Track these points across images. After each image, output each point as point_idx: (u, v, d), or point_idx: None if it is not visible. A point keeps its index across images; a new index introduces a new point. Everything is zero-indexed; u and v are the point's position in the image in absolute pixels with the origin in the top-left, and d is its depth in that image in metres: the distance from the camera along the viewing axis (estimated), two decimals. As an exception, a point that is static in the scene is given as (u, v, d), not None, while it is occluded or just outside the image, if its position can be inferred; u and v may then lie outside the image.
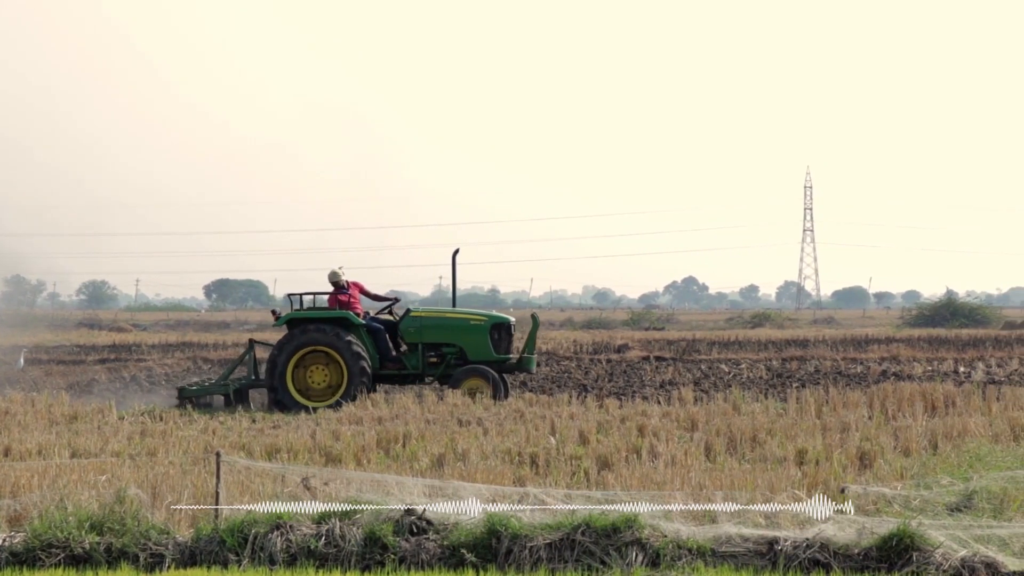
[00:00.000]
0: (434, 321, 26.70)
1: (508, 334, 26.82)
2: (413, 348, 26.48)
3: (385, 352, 26.32)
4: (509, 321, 27.07)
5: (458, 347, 26.37)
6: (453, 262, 27.25)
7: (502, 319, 27.03)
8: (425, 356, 26.39)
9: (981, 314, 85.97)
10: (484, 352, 26.28)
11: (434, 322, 26.67)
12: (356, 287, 26.87)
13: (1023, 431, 18.85)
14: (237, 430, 20.16)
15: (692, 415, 20.35)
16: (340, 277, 26.65)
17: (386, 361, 26.31)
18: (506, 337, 26.74)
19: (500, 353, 26.45)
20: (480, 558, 11.22)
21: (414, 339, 26.45)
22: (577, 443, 17.64)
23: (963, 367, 36.40)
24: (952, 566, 10.68)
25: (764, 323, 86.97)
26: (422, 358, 26.36)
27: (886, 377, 32.17)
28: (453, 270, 27.27)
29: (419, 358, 26.35)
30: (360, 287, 27.01)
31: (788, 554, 10.98)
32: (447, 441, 17.60)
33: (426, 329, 26.50)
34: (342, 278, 26.65)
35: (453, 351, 26.38)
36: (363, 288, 27.11)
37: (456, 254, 27.38)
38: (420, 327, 26.51)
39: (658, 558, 11.04)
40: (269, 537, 11.48)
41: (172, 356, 44.52)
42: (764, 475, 14.20)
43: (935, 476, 14.25)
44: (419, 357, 26.35)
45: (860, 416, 20.26)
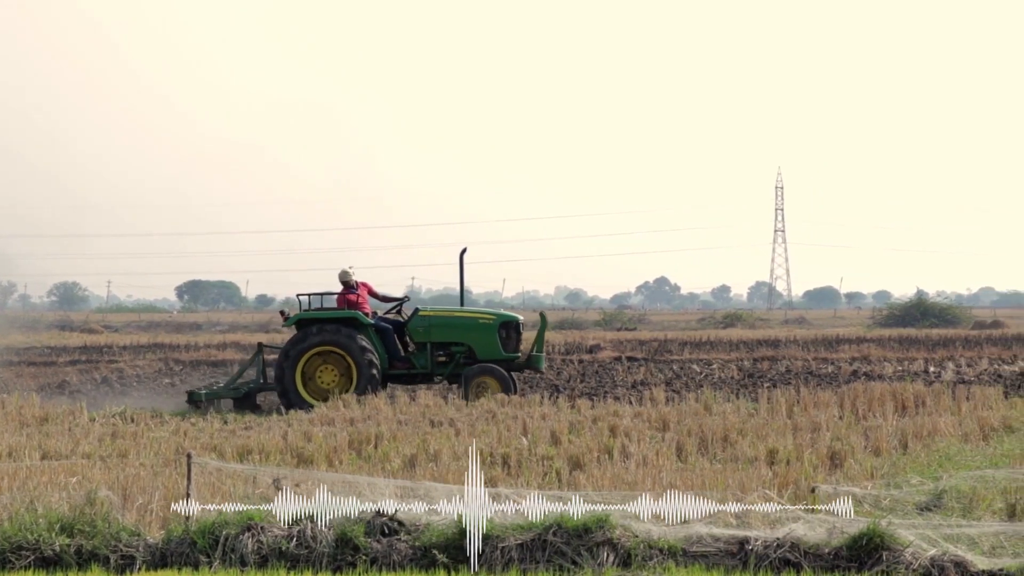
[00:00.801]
0: (443, 320, 26.75)
1: (517, 332, 26.87)
2: (422, 347, 26.56)
3: (394, 352, 26.39)
4: (518, 320, 27.15)
5: (467, 346, 26.43)
6: (461, 261, 27.24)
7: (511, 318, 27.11)
8: (434, 355, 26.47)
9: (951, 314, 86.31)
10: (493, 351, 26.33)
11: (443, 321, 26.73)
12: (364, 287, 26.88)
13: (992, 431, 18.95)
14: (208, 431, 20.12)
15: (664, 415, 20.39)
16: (350, 276, 26.66)
17: (395, 361, 26.39)
18: (515, 336, 26.79)
19: (509, 352, 26.50)
20: (451, 559, 11.23)
21: (423, 338, 26.52)
22: (549, 443, 17.66)
23: (933, 367, 36.56)
24: (922, 565, 10.73)
25: (736, 323, 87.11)
26: (431, 357, 26.42)
27: (857, 377, 32.29)
28: (461, 269, 27.22)
29: (428, 357, 26.41)
30: (368, 287, 27.04)
31: (759, 554, 11.01)
32: (419, 442, 17.60)
33: (435, 328, 26.55)
34: (352, 277, 26.66)
35: (462, 350, 26.44)
36: (371, 288, 27.14)
37: (464, 253, 27.36)
38: (429, 326, 26.55)
39: (629, 558, 11.07)
40: (240, 538, 11.46)
41: (144, 357, 44.38)
42: (735, 475, 14.24)
43: (905, 476, 14.31)
44: (428, 356, 26.42)
45: (831, 416, 20.33)
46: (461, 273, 27.26)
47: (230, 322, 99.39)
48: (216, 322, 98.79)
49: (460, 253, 27.26)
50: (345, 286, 26.67)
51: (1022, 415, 21.16)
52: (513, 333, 26.75)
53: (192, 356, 44.43)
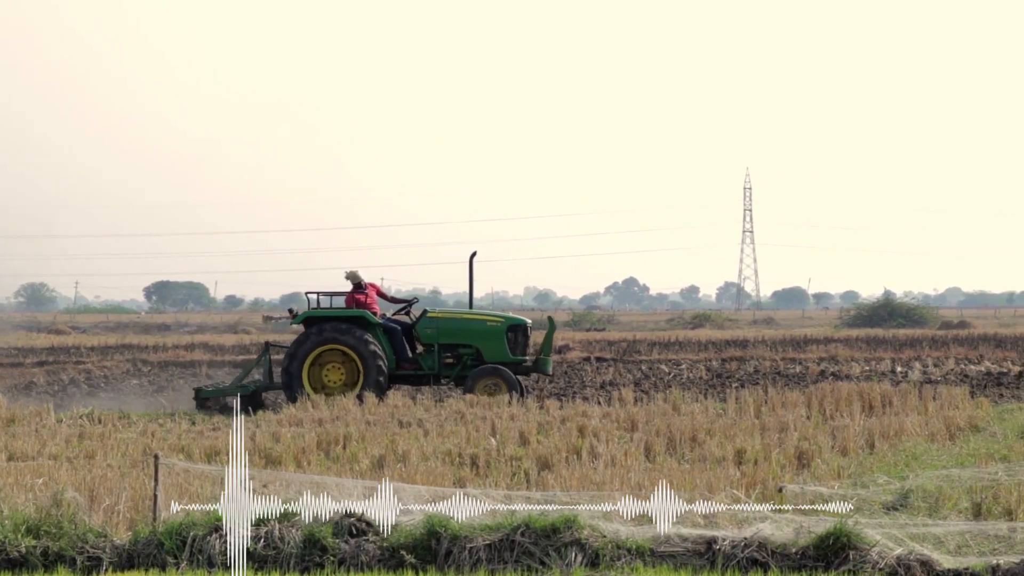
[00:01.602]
0: (451, 322, 26.75)
1: (524, 335, 26.91)
2: (429, 349, 26.58)
3: (401, 352, 26.40)
4: (525, 323, 27.20)
5: (475, 348, 26.44)
6: (470, 264, 27.21)
7: (519, 320, 27.16)
8: (441, 357, 26.46)
9: (918, 314, 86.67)
10: (500, 353, 26.34)
11: (451, 323, 26.72)
12: (373, 288, 26.86)
13: (958, 430, 19.03)
14: (176, 432, 20.06)
15: (632, 415, 20.41)
16: (359, 276, 26.64)
17: (402, 361, 26.40)
18: (522, 338, 26.83)
19: (516, 354, 26.53)
20: (419, 559, 11.23)
21: (431, 340, 26.55)
22: (517, 444, 17.67)
23: (900, 367, 36.71)
24: (888, 564, 10.78)
25: (704, 324, 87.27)
26: (438, 359, 26.43)
27: (824, 377, 32.41)
28: (470, 272, 27.20)
29: (435, 359, 26.43)
30: (377, 288, 27.01)
31: (726, 553, 11.04)
32: (387, 443, 17.58)
33: (443, 330, 26.56)
34: (361, 278, 26.64)
35: (469, 352, 26.44)
36: (379, 289, 27.12)
37: (473, 256, 27.33)
38: (437, 328, 26.57)
39: (597, 558, 11.08)
40: (207, 539, 11.44)
41: (111, 358, 44.18)
42: (703, 475, 14.26)
43: (872, 475, 14.37)
44: (435, 358, 26.43)
45: (798, 416, 20.39)
46: (471, 276, 27.22)
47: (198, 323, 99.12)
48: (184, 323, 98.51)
49: (470, 256, 27.25)
50: (355, 286, 26.66)
51: (988, 415, 21.27)
52: (521, 336, 26.79)
53: (160, 357, 44.26)
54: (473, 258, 27.20)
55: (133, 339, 61.00)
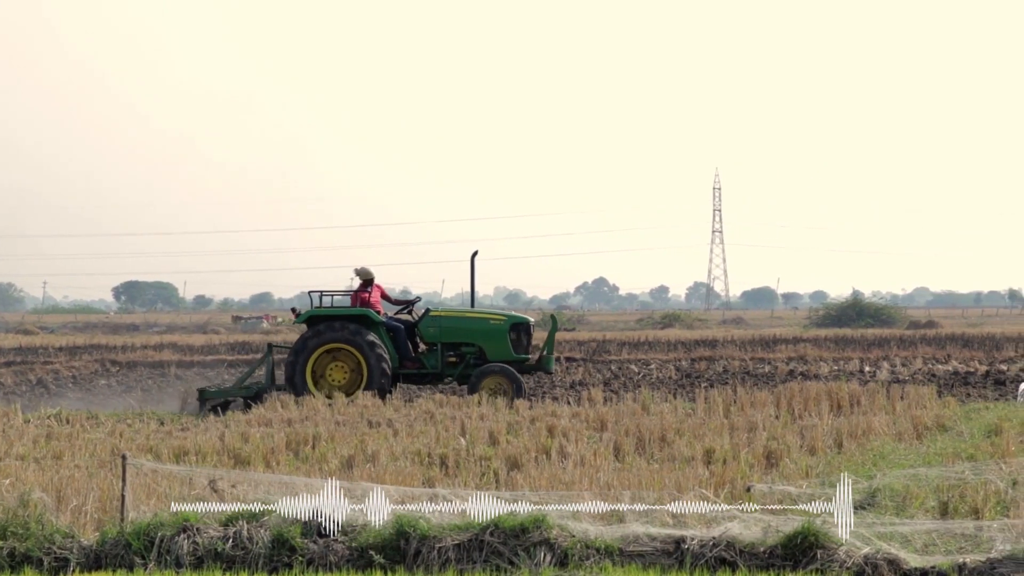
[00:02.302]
0: (454, 321, 26.74)
1: (527, 334, 26.90)
2: (432, 348, 26.54)
3: (404, 351, 26.37)
4: (528, 321, 27.21)
5: (477, 347, 26.40)
6: (472, 263, 27.21)
7: (521, 319, 27.16)
8: (444, 356, 26.43)
9: (886, 314, 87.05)
10: (503, 352, 26.30)
11: (454, 322, 26.71)
12: (377, 288, 26.83)
13: (926, 430, 19.11)
14: (145, 432, 19.99)
15: (601, 415, 20.44)
16: (371, 274, 26.62)
17: (405, 360, 26.36)
18: (525, 337, 26.82)
19: (519, 353, 26.51)
20: (388, 559, 11.23)
21: (433, 339, 26.50)
22: (487, 444, 17.67)
23: (868, 366, 36.87)
24: (856, 563, 10.82)
25: (674, 324, 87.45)
26: (441, 358, 26.39)
27: (793, 377, 32.52)
28: (472, 271, 27.21)
29: (438, 358, 26.39)
30: (381, 289, 26.98)
31: (695, 553, 11.07)
32: (357, 443, 17.56)
33: (445, 329, 26.52)
34: (373, 274, 26.60)
35: (472, 351, 26.41)
36: (383, 291, 27.08)
37: (475, 256, 27.34)
38: (440, 327, 26.52)
39: (566, 558, 11.09)
40: (175, 540, 11.40)
41: (79, 359, 44.01)
42: (672, 474, 14.29)
43: (840, 474, 14.41)
44: (438, 357, 26.39)
45: (767, 415, 20.44)
46: (472, 275, 27.23)
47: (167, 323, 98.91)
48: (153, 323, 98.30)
49: (471, 256, 27.26)
50: (364, 283, 26.65)
51: (955, 414, 21.37)
52: (524, 335, 26.78)
53: (129, 357, 44.10)
54: (474, 257, 27.25)
55: (101, 339, 60.77)
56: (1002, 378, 31.86)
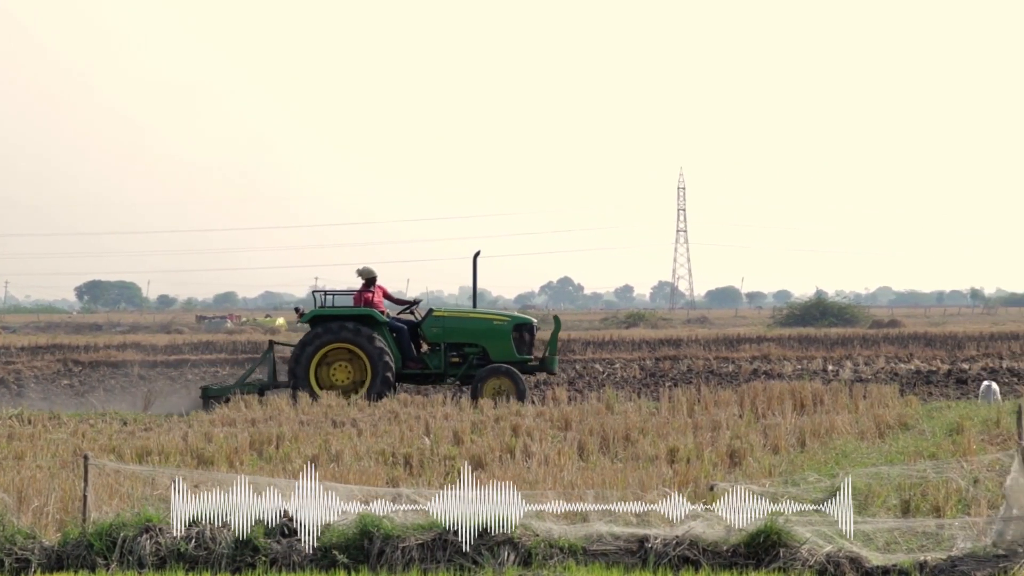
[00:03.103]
0: (457, 322, 26.70)
1: (530, 335, 26.88)
2: (435, 348, 26.51)
3: (407, 351, 26.34)
4: (531, 322, 27.21)
5: (480, 347, 26.38)
6: (474, 263, 27.20)
7: (524, 320, 27.15)
8: (447, 356, 26.40)
9: (850, 313, 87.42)
10: (507, 352, 26.28)
11: (457, 323, 26.68)
12: (380, 289, 26.78)
13: (888, 428, 19.20)
14: (107, 433, 19.90)
15: (566, 415, 20.46)
16: (373, 273, 26.59)
17: (408, 361, 26.33)
18: (528, 338, 26.79)
19: (522, 353, 26.49)
20: (352, 559, 11.21)
21: (436, 339, 26.46)
22: (451, 443, 17.66)
23: (831, 365, 37.01)
24: (818, 562, 10.87)
25: (638, 323, 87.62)
26: (444, 358, 26.36)
27: (757, 376, 32.64)
28: (474, 271, 27.19)
29: (441, 358, 26.35)
30: (383, 290, 26.92)
31: (658, 552, 11.09)
32: (321, 442, 17.53)
33: (448, 329, 26.50)
34: (376, 274, 26.56)
35: (475, 351, 26.39)
36: (386, 291, 27.02)
37: (477, 256, 27.32)
38: (442, 327, 26.50)
39: (530, 557, 11.11)
40: (138, 540, 11.36)
41: (42, 359, 43.76)
42: (636, 473, 14.31)
43: (802, 473, 14.45)
44: (441, 357, 26.35)
45: (731, 414, 20.49)
46: (474, 275, 27.24)
47: (131, 323, 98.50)
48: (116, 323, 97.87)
49: (474, 255, 27.27)
50: (367, 282, 26.62)
51: (917, 413, 21.47)
52: (527, 335, 26.76)
53: (92, 357, 43.89)
54: (477, 257, 27.26)
55: (64, 339, 60.45)
56: (964, 377, 32.05)
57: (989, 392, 24.09)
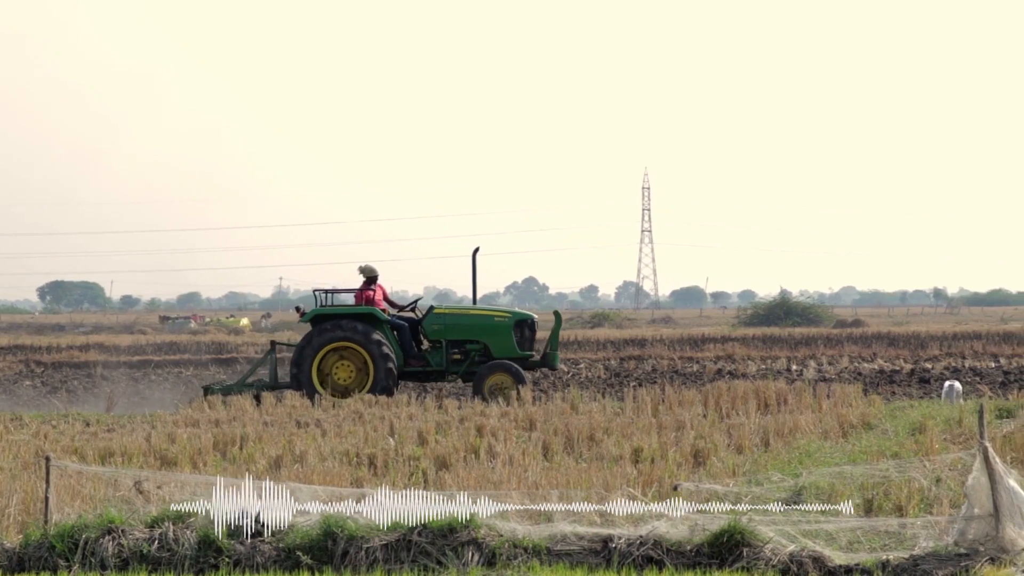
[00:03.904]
0: (458, 319, 26.80)
1: (532, 331, 26.95)
2: (436, 345, 26.53)
3: (409, 349, 26.36)
4: (532, 318, 27.26)
5: (482, 344, 26.42)
6: (473, 260, 27.19)
7: (525, 316, 27.19)
8: (449, 353, 26.41)
9: (814, 313, 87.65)
10: (508, 349, 26.34)
11: (458, 320, 26.77)
12: (380, 288, 26.76)
13: (851, 428, 19.27)
14: (70, 434, 19.80)
15: (530, 415, 20.47)
16: (375, 271, 26.53)
17: (410, 358, 26.36)
18: (529, 334, 26.86)
19: (524, 350, 26.54)
20: (316, 560, 11.19)
21: (438, 336, 26.52)
22: (416, 444, 17.65)
23: (795, 365, 37.17)
24: (781, 561, 10.90)
25: (603, 323, 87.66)
26: (446, 355, 26.38)
27: (721, 376, 32.73)
28: (473, 268, 27.20)
29: (443, 355, 26.38)
30: (383, 290, 26.88)
31: (622, 552, 11.11)
32: (284, 443, 17.49)
33: (450, 326, 26.58)
34: (377, 273, 26.49)
35: (477, 348, 26.44)
36: (385, 293, 26.99)
37: (476, 252, 27.34)
38: (444, 324, 26.59)
39: (494, 557, 11.10)
40: (100, 542, 11.31)
41: (3, 359, 43.56)
42: (600, 473, 14.33)
43: (766, 473, 14.50)
44: (443, 354, 26.39)
45: (695, 414, 20.54)
46: (473, 272, 27.28)
47: (93, 323, 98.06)
48: (79, 323, 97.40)
49: (472, 252, 27.27)
50: (367, 280, 26.56)
51: (880, 412, 21.55)
52: (528, 331, 26.85)
53: (54, 358, 43.70)
54: (476, 254, 27.30)
55: (26, 340, 60.10)
56: (927, 376, 32.21)
57: (952, 392, 24.20)
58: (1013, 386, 28.21)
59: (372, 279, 26.54)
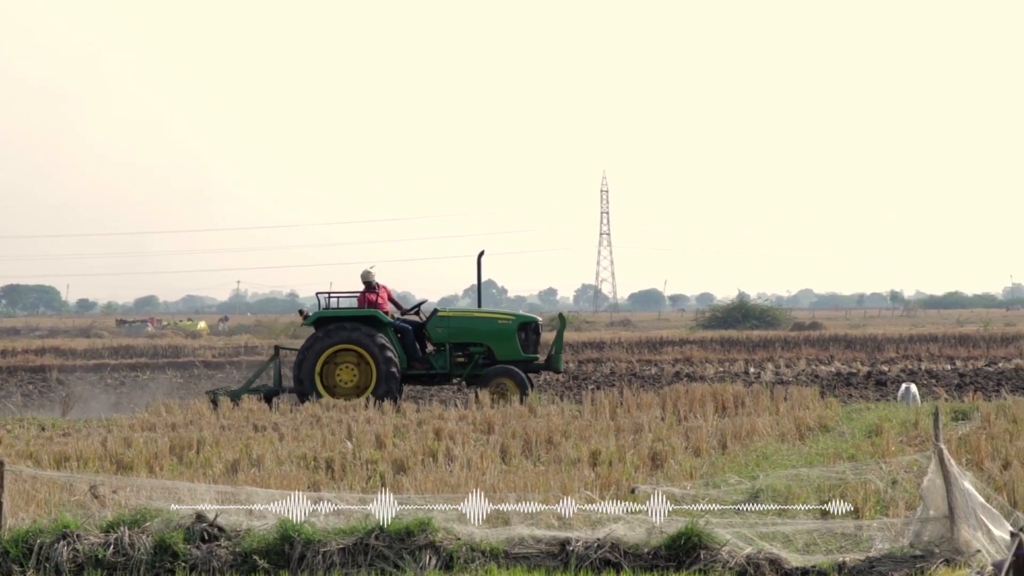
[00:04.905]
0: (462, 321, 26.72)
1: (536, 334, 26.95)
2: (440, 348, 26.44)
3: (412, 352, 26.25)
4: (536, 321, 27.27)
5: (486, 347, 26.36)
6: (478, 263, 27.14)
7: (529, 319, 27.22)
8: (453, 356, 26.32)
9: (771, 316, 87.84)
10: (512, 351, 26.30)
11: (462, 322, 26.69)
12: (384, 290, 26.63)
13: (808, 430, 19.34)
14: (25, 439, 19.67)
15: (488, 418, 20.45)
16: (372, 276, 26.45)
17: (414, 361, 26.24)
18: (533, 337, 26.86)
19: (528, 353, 26.51)
20: (272, 564, 11.15)
21: (442, 339, 26.44)
22: (374, 447, 17.62)
23: (753, 368, 37.32)
24: (738, 563, 10.93)
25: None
26: (450, 358, 26.29)
27: (679, 378, 32.82)
28: (478, 271, 27.14)
29: (447, 358, 26.30)
30: (387, 291, 26.76)
31: (580, 554, 11.12)
32: (242, 447, 17.42)
33: (454, 330, 26.48)
34: (374, 278, 26.39)
35: (481, 351, 26.35)
36: (390, 293, 26.88)
37: (481, 255, 27.26)
38: (448, 327, 26.49)
39: (451, 561, 11.10)
40: (55, 547, 11.25)
41: (-42, 363, 43.24)
42: (558, 476, 14.34)
43: (723, 475, 14.54)
44: (447, 357, 26.30)
45: (653, 417, 20.56)
46: (479, 274, 27.25)
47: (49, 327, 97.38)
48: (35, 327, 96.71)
49: (478, 255, 27.21)
50: (367, 286, 26.49)
51: (837, 415, 21.64)
52: (532, 334, 26.85)
53: (9, 362, 43.41)
54: (481, 257, 27.28)
55: (-19, 343, 59.72)
56: (883, 379, 32.40)
57: (908, 394, 24.33)
58: (968, 388, 28.40)
59: (369, 284, 26.51)
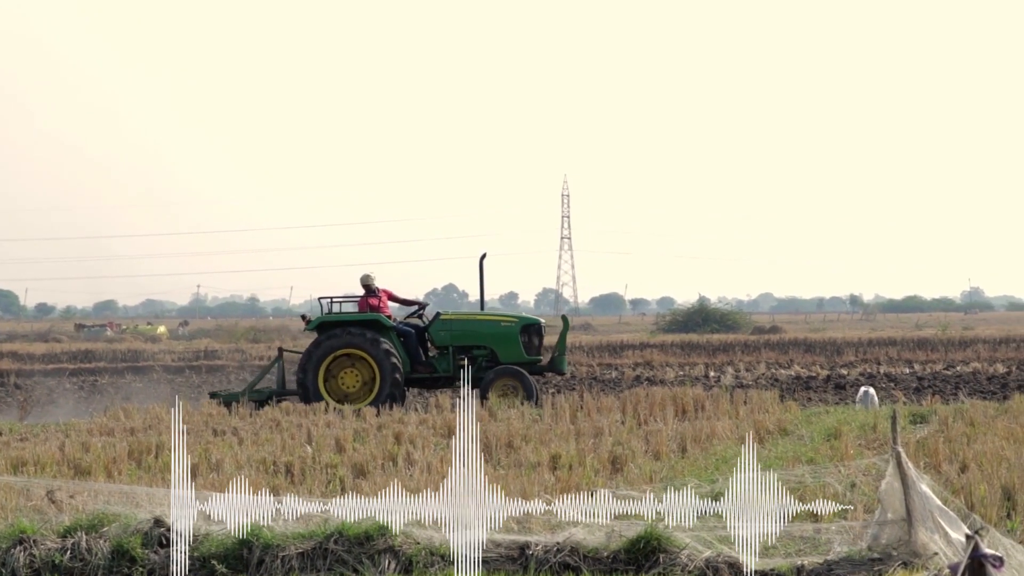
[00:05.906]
0: (465, 324, 26.68)
1: (539, 336, 26.96)
2: (443, 351, 26.41)
3: (415, 355, 26.26)
4: (539, 323, 27.26)
5: (489, 349, 26.35)
6: (480, 265, 27.08)
7: (532, 321, 27.21)
8: (456, 359, 26.26)
9: (732, 320, 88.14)
10: (515, 354, 26.31)
11: (465, 325, 26.66)
12: (385, 293, 26.55)
13: (768, 434, 19.40)
14: (-19, 443, 19.53)
15: (449, 422, 20.42)
16: (372, 280, 26.38)
17: (416, 364, 26.25)
18: (536, 338, 26.85)
19: (531, 355, 26.50)
20: (231, 569, 11.11)
21: (444, 342, 26.43)
22: (333, 451, 17.58)
23: (713, 372, 37.41)
24: (697, 566, 10.95)
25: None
26: (452, 361, 26.24)
27: (639, 382, 32.87)
28: (480, 273, 27.09)
29: (449, 361, 26.26)
30: (389, 293, 26.69)
31: (539, 558, 11.11)
32: (201, 451, 17.35)
33: (456, 332, 26.49)
34: (374, 282, 26.29)
35: (484, 354, 26.34)
36: (391, 294, 26.81)
37: (483, 258, 27.24)
38: (450, 330, 26.49)
39: (411, 565, 11.08)
40: (11, 552, 11.17)
41: (-86, 368, 42.92)
42: (518, 480, 14.34)
43: (683, 479, 14.55)
44: (449, 360, 26.26)
45: (613, 421, 20.59)
46: (481, 278, 27.23)
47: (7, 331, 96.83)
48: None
49: (480, 258, 27.15)
50: (367, 290, 26.49)
51: (796, 418, 21.72)
52: (535, 336, 26.87)
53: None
54: (483, 260, 27.27)
55: (-62, 348, 59.29)
56: (842, 382, 32.54)
57: (867, 397, 24.44)
58: (926, 392, 28.55)
59: (369, 288, 26.48)
